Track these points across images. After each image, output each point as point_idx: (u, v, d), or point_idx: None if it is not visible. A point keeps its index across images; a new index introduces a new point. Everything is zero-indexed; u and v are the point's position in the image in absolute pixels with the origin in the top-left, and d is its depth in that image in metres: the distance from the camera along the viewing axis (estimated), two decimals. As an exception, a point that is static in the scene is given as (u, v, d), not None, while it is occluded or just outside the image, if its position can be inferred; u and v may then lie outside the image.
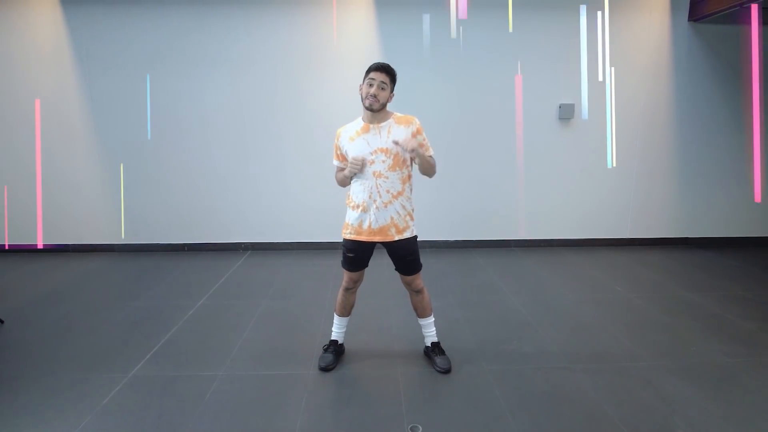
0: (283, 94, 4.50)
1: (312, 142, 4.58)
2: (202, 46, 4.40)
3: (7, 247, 4.55)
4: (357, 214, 2.19)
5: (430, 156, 2.21)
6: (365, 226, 2.19)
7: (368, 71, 2.14)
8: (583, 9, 4.43)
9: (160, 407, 2.03)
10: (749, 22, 4.13)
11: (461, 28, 4.45)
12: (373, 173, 2.15)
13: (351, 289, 2.37)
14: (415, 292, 2.36)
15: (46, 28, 4.36)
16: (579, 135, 4.65)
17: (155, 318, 2.99)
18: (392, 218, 2.18)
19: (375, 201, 2.15)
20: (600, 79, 4.54)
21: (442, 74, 4.53)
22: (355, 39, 4.46)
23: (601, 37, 4.49)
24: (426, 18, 4.42)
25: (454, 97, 4.55)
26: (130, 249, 4.67)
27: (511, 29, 4.46)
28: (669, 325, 2.88)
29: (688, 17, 4.54)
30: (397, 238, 2.20)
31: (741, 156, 4.77)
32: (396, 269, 2.33)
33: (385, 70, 2.12)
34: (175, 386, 2.19)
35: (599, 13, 4.44)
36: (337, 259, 4.46)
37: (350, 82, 4.53)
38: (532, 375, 2.29)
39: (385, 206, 2.16)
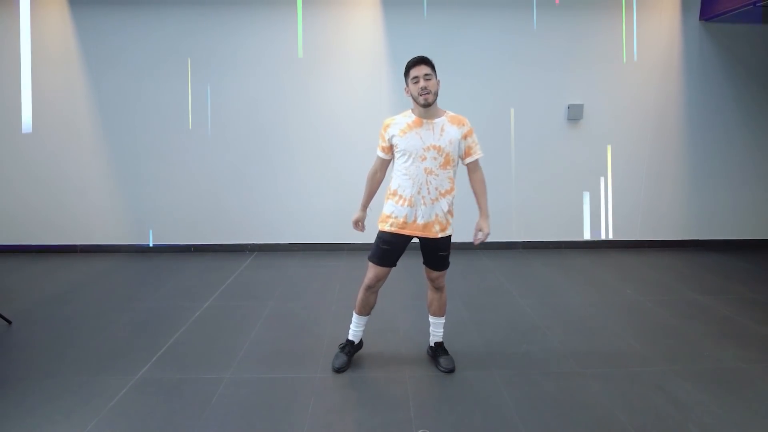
0: (289, 94, 4.48)
1: (318, 143, 4.57)
2: (209, 46, 4.39)
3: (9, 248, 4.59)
4: (404, 208, 2.16)
5: (483, 183, 2.35)
6: (410, 220, 2.16)
7: (407, 70, 2.13)
8: (589, 9, 4.40)
9: (166, 410, 2.02)
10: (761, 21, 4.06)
11: (467, 27, 4.43)
12: (425, 170, 2.12)
13: (373, 287, 2.30)
14: (437, 288, 2.36)
15: (53, 28, 4.37)
16: (587, 136, 4.61)
17: (162, 320, 2.99)
18: (437, 215, 2.17)
19: (423, 197, 2.13)
20: (608, 78, 4.51)
21: (448, 75, 4.49)
22: (362, 39, 4.44)
23: (611, 38, 4.46)
24: (433, 18, 4.40)
25: (461, 97, 4.52)
26: (136, 250, 4.68)
27: (518, 28, 4.43)
28: (680, 329, 2.84)
29: (700, 16, 4.48)
30: (440, 236, 2.20)
31: (752, 157, 4.71)
32: (424, 263, 2.31)
33: (423, 61, 2.11)
34: (181, 389, 2.18)
35: (607, 13, 4.41)
36: (343, 259, 4.53)
37: (357, 83, 4.52)
38: (541, 379, 2.27)
39: (432, 203, 2.15)
